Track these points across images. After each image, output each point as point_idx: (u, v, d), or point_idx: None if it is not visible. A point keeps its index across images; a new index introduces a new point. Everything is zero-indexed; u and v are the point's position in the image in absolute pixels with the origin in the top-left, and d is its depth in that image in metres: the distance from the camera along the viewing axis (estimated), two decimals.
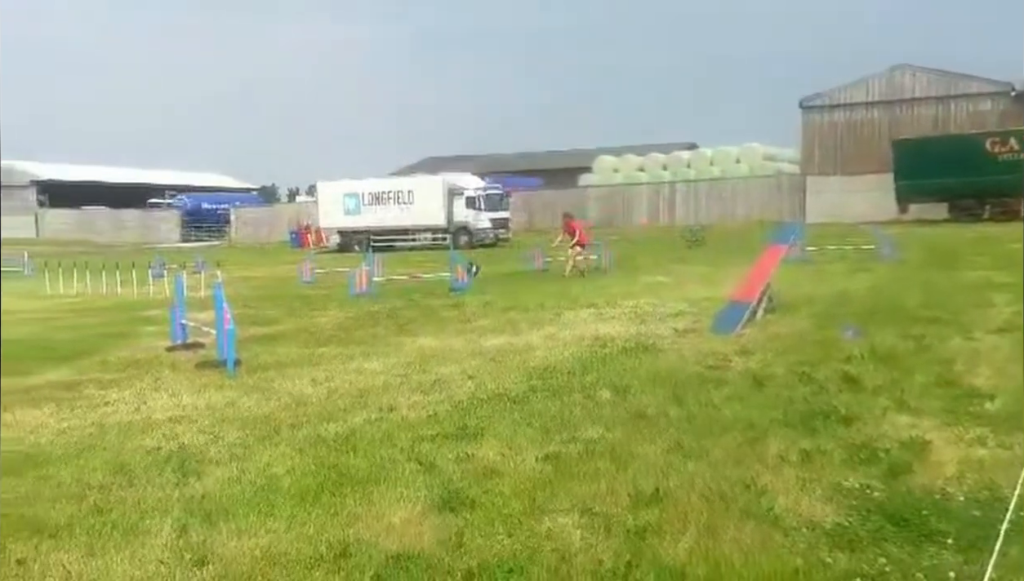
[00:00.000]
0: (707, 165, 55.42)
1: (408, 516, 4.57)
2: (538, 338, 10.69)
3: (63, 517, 4.76)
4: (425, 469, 5.38)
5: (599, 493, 4.80)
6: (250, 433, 6.54)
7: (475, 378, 8.29)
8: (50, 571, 4.04)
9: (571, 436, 6.00)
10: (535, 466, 5.36)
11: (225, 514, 4.70)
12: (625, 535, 4.20)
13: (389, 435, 6.28)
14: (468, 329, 11.92)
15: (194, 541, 4.33)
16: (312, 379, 8.64)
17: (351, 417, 6.91)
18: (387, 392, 7.86)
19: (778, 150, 55.41)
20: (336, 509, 4.72)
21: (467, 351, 10.01)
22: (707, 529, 4.24)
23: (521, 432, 6.17)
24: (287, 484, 5.21)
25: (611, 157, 60.16)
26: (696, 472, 5.10)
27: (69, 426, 7.03)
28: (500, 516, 4.49)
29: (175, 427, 6.82)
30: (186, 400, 7.86)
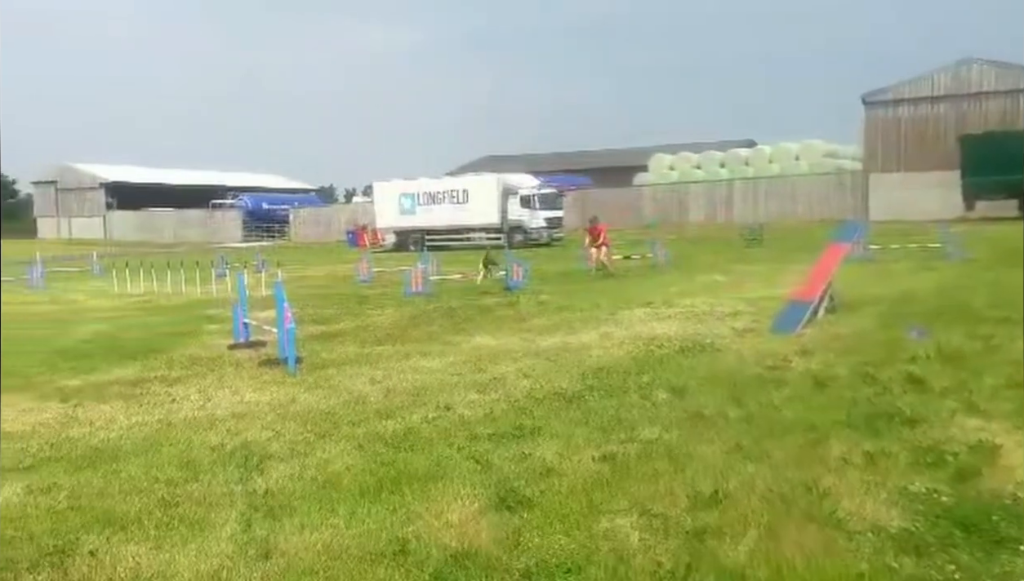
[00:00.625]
0: (766, 163, 54.54)
1: (466, 514, 4.60)
2: (593, 337, 10.65)
3: (132, 510, 4.91)
4: (482, 468, 5.41)
5: (657, 494, 4.76)
6: (311, 430, 6.65)
7: (531, 377, 8.30)
8: (120, 563, 4.16)
9: (628, 436, 5.97)
10: (592, 466, 5.35)
11: (287, 509, 4.80)
12: (684, 537, 4.17)
13: (446, 433, 6.33)
14: (523, 328, 11.93)
15: (258, 535, 4.42)
16: (370, 377, 8.75)
17: (409, 415, 6.98)
18: (444, 390, 7.91)
19: (840, 147, 54.25)
20: (395, 506, 4.78)
21: (522, 350, 10.03)
22: (768, 532, 4.17)
23: (577, 431, 6.16)
24: (347, 480, 5.28)
25: (667, 155, 59.59)
26: (756, 474, 5.02)
27: (137, 422, 7.23)
28: (557, 515, 4.49)
29: (238, 423, 6.97)
30: (249, 397, 8.03)
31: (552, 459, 5.51)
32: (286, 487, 5.22)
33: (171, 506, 4.95)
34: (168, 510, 4.88)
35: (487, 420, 6.68)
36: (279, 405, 7.64)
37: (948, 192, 39.00)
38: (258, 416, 7.23)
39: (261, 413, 7.34)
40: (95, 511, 4.91)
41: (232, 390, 8.41)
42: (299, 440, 6.36)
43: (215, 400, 7.98)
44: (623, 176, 59.55)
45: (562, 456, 5.57)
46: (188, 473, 5.61)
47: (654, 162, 59.53)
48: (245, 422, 7.02)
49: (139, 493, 5.23)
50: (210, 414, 7.41)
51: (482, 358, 9.59)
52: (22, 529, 4.66)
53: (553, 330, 11.51)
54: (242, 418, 7.17)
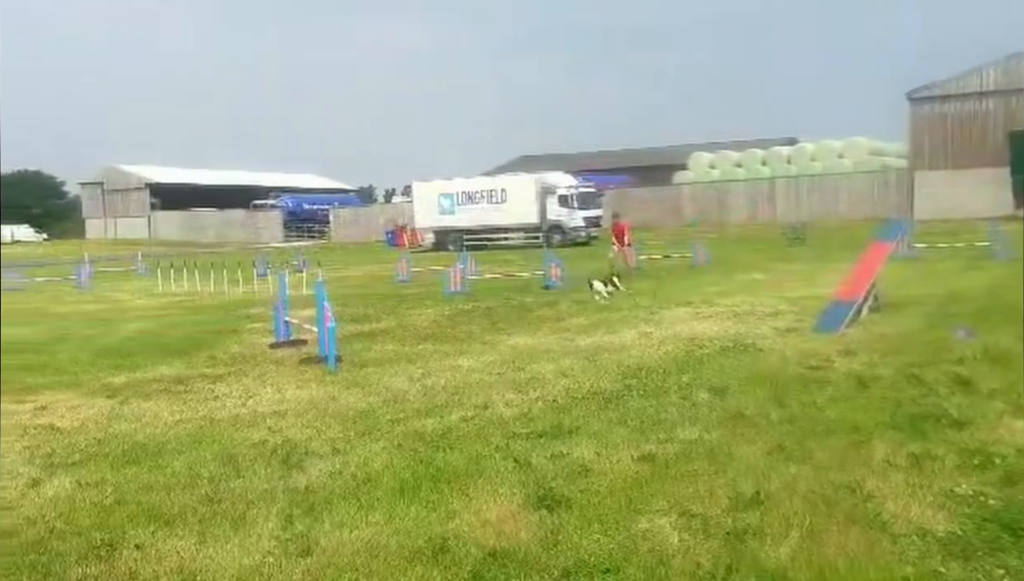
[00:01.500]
0: (808, 161, 53.74)
1: (504, 513, 4.60)
2: (632, 337, 10.59)
3: (177, 505, 4.99)
4: (520, 466, 5.41)
5: (697, 494, 4.72)
6: (351, 428, 6.70)
7: (569, 376, 8.28)
8: (165, 557, 4.23)
9: (667, 436, 5.92)
10: (631, 466, 5.32)
11: (328, 506, 4.84)
12: (724, 537, 4.12)
13: (484, 432, 6.34)
14: (562, 327, 11.91)
15: (298, 532, 4.47)
16: (409, 376, 8.80)
17: (447, 414, 7.01)
18: (482, 390, 7.93)
19: (884, 144, 53.23)
20: (434, 504, 4.80)
21: (561, 349, 10.01)
22: (810, 533, 4.11)
23: (616, 431, 6.13)
24: (386, 478, 5.32)
25: (707, 153, 59.04)
26: (798, 475, 4.96)
27: (181, 418, 7.36)
28: (596, 515, 4.47)
29: (279, 421, 7.06)
30: (290, 395, 8.12)
31: (590, 459, 5.49)
32: (326, 484, 5.27)
33: (214, 502, 5.03)
34: (211, 506, 4.96)
35: (525, 419, 6.68)
36: (319, 403, 7.71)
37: (997, 190, 38.14)
38: (299, 414, 7.30)
39: (302, 411, 7.42)
40: (141, 506, 5.01)
41: (274, 388, 8.51)
42: (339, 438, 6.42)
43: (257, 397, 8.09)
44: (663, 175, 59.11)
45: (600, 456, 5.55)
46: (230, 469, 5.69)
47: (694, 160, 59.00)
48: (286, 420, 7.10)
49: (183, 489, 5.31)
50: (252, 411, 7.51)
51: (520, 357, 9.59)
52: (71, 522, 4.77)
53: (592, 329, 11.47)
54: (283, 416, 7.26)
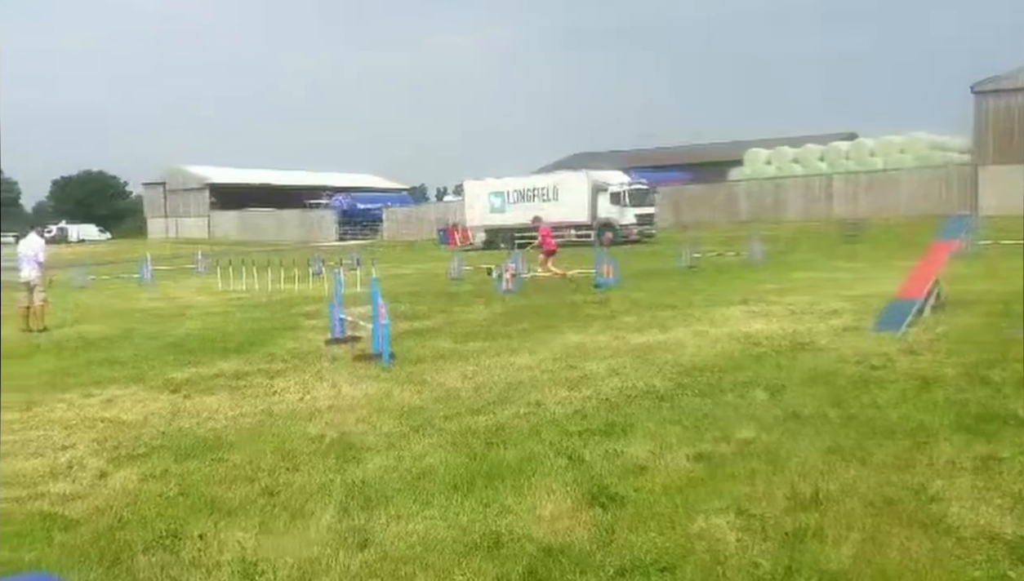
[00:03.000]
0: (868, 156, 52.51)
1: (558, 510, 4.61)
2: (686, 335, 10.49)
3: (237, 498, 5.11)
4: (574, 464, 5.40)
5: (754, 494, 4.66)
6: (405, 423, 6.77)
7: (622, 374, 8.24)
8: (227, 548, 4.33)
9: (723, 435, 5.86)
10: (686, 465, 5.27)
11: (383, 500, 4.90)
12: (782, 539, 4.06)
13: (537, 429, 6.35)
14: (614, 325, 11.85)
15: (355, 525, 4.53)
16: (462, 373, 8.85)
17: (500, 411, 7.03)
18: (534, 387, 7.93)
19: (947, 139, 51.77)
20: (488, 500, 4.82)
21: (613, 347, 9.96)
22: (872, 536, 4.03)
23: (670, 430, 6.08)
24: (441, 473, 5.36)
25: (763, 149, 58.11)
26: (859, 476, 4.86)
27: (241, 412, 7.51)
28: (651, 513, 4.44)
29: (336, 416, 7.16)
30: (345, 391, 8.23)
31: (644, 457, 5.46)
32: (382, 479, 5.33)
33: (273, 494, 5.13)
34: (270, 498, 5.06)
35: (578, 417, 6.67)
36: (374, 399, 7.80)
37: None
38: (354, 409, 7.40)
39: (357, 406, 7.52)
40: (203, 497, 5.13)
41: (329, 383, 8.64)
42: (394, 433, 6.49)
43: (313, 393, 8.21)
44: (718, 171, 58.37)
45: (655, 454, 5.52)
46: (289, 463, 5.79)
47: (749, 156, 58.11)
48: (342, 415, 7.20)
49: (243, 481, 5.43)
50: (309, 406, 7.63)
51: (572, 355, 9.57)
52: (137, 513, 4.91)
53: (644, 328, 11.39)
54: (339, 411, 7.36)
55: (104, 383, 9.22)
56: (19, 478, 5.74)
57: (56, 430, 7.13)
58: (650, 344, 10.01)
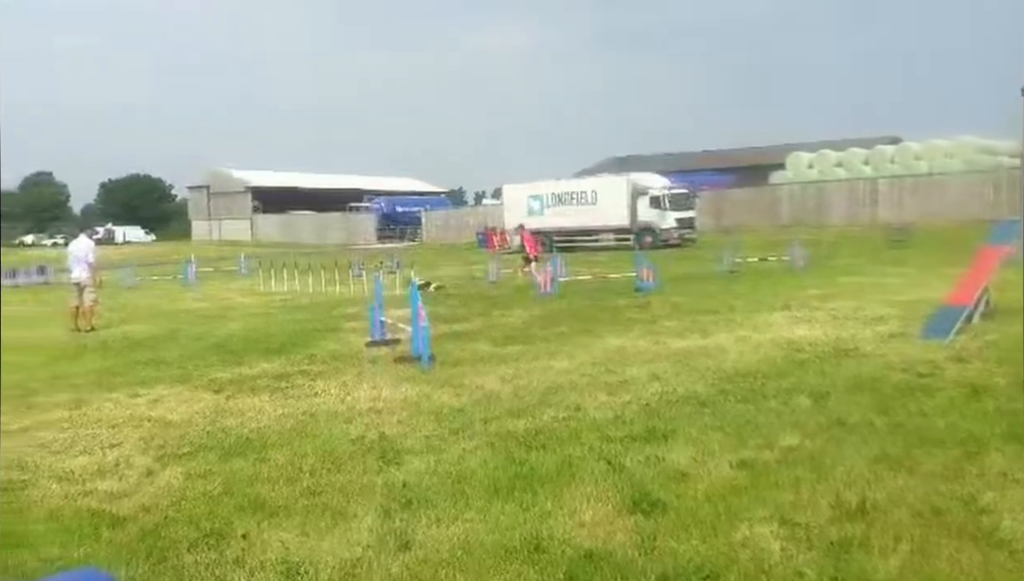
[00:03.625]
0: (913, 160, 51.57)
1: (599, 515, 4.58)
2: (728, 340, 10.38)
3: (280, 498, 5.16)
4: (614, 469, 5.37)
5: (799, 503, 4.59)
6: (444, 426, 6.79)
7: (662, 380, 8.18)
8: (270, 547, 4.38)
9: (766, 442, 5.78)
10: (729, 472, 5.21)
11: (424, 502, 4.91)
12: (828, 548, 4.00)
13: (577, 434, 6.32)
14: (654, 330, 11.77)
15: (396, 526, 4.55)
16: (501, 376, 8.85)
17: (539, 414, 7.02)
18: (574, 391, 7.91)
19: (996, 142, 50.61)
20: (528, 504, 4.81)
21: (653, 352, 9.90)
22: (920, 547, 3.94)
23: (712, 436, 6.02)
24: (480, 476, 5.36)
25: (806, 153, 57.36)
26: (906, 486, 4.77)
27: (283, 413, 7.60)
28: (693, 521, 4.40)
29: (376, 418, 7.21)
30: (385, 393, 8.28)
31: (686, 463, 5.41)
32: (422, 481, 5.35)
33: (315, 495, 5.17)
34: (312, 499, 5.10)
35: (618, 422, 6.63)
36: (414, 401, 7.84)
37: None
38: (394, 411, 7.44)
39: (397, 408, 7.56)
40: (246, 497, 5.19)
41: (370, 385, 8.69)
42: (433, 435, 6.51)
43: (354, 394, 8.27)
44: (759, 175, 57.76)
45: (697, 461, 5.46)
46: (330, 464, 5.84)
47: (792, 160, 57.41)
48: (382, 416, 7.25)
49: (286, 481, 5.48)
50: (350, 407, 7.69)
51: (612, 359, 9.53)
52: (182, 511, 4.99)
53: (685, 333, 11.30)
54: (379, 412, 7.41)
55: (150, 383, 9.39)
56: (69, 475, 5.87)
57: (104, 429, 7.27)
58: (691, 349, 9.92)
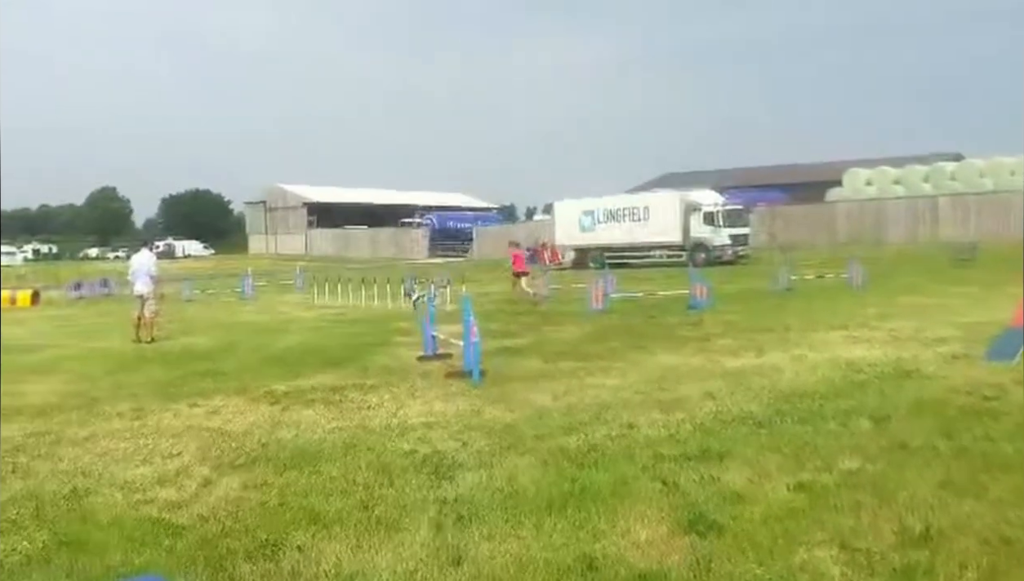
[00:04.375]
0: (976, 177, 50.28)
1: (653, 535, 4.52)
2: (784, 360, 10.20)
3: (334, 510, 5.20)
4: (669, 489, 5.30)
5: (859, 528, 4.48)
6: (496, 441, 6.79)
7: (716, 398, 8.07)
8: (324, 559, 4.41)
9: (825, 465, 5.65)
10: (786, 494, 5.11)
11: (476, 518, 4.91)
12: (890, 575, 3.89)
13: (630, 452, 6.26)
14: (708, 348, 11.63)
15: (449, 541, 4.56)
16: (552, 392, 8.82)
17: (592, 431, 6.97)
18: (626, 408, 7.84)
19: None
20: (580, 522, 4.77)
21: (707, 370, 9.78)
22: (989, 576, 3.81)
23: (769, 457, 5.91)
24: (533, 493, 5.34)
25: (863, 169, 56.35)
26: (973, 512, 4.61)
27: (337, 426, 7.68)
28: (750, 543, 4.31)
29: (428, 432, 7.24)
30: (437, 407, 8.32)
31: (742, 484, 5.32)
32: (474, 496, 5.34)
33: (368, 508, 5.21)
34: (366, 512, 5.13)
35: (672, 441, 6.56)
36: (465, 416, 7.86)
37: None
38: (446, 426, 7.47)
39: (448, 423, 7.58)
40: (301, 509, 5.25)
41: (422, 400, 8.74)
42: (485, 451, 6.51)
43: (406, 409, 8.33)
44: (814, 192, 56.87)
45: (753, 482, 5.37)
46: (383, 477, 5.88)
47: (849, 177, 56.45)
48: (434, 431, 7.27)
49: (340, 494, 5.53)
50: (402, 422, 7.74)
51: (665, 377, 9.43)
52: (239, 521, 5.06)
53: (740, 351, 11.14)
54: (431, 427, 7.44)
55: (209, 394, 9.58)
56: (130, 484, 6.00)
57: (164, 438, 7.43)
58: (746, 368, 9.78)
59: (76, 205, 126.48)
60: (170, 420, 8.24)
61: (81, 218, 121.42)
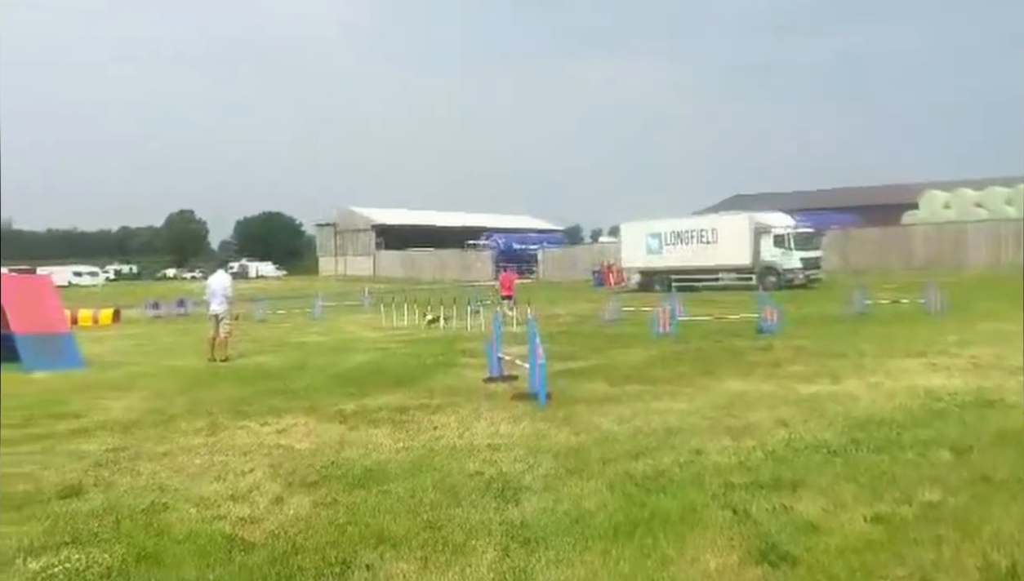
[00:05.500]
0: None
1: (723, 564, 4.43)
2: (859, 387, 9.91)
3: (401, 530, 5.23)
4: (739, 518, 5.18)
5: (941, 563, 4.30)
6: (562, 465, 6.74)
7: (789, 426, 7.87)
8: (393, 578, 4.44)
9: (904, 497, 5.45)
10: (863, 526, 4.94)
11: (542, 542, 4.87)
12: None
13: (699, 478, 6.15)
14: (779, 374, 11.38)
15: (515, 565, 4.53)
16: (618, 416, 8.73)
17: (659, 457, 6.87)
18: (695, 434, 7.71)
19: None
20: (648, 549, 4.70)
21: (779, 397, 9.55)
22: None
23: (844, 487, 5.73)
24: (599, 518, 5.28)
25: (941, 192, 54.69)
26: None
27: (404, 446, 7.74)
28: (825, 576, 4.19)
29: (494, 454, 7.24)
30: (503, 429, 8.32)
31: (816, 515, 5.17)
32: (540, 520, 5.31)
33: (435, 529, 5.22)
34: (433, 532, 5.15)
35: (742, 468, 6.42)
36: (531, 438, 7.83)
37: None
38: (511, 448, 7.45)
39: (514, 445, 7.57)
40: (369, 528, 5.29)
41: (487, 421, 8.75)
42: (551, 474, 6.47)
43: (472, 430, 8.35)
44: (889, 214, 55.41)
45: (828, 513, 5.21)
46: (450, 498, 5.89)
47: (926, 199, 54.88)
48: (500, 453, 7.27)
49: (407, 514, 5.56)
50: (468, 443, 7.75)
51: (734, 403, 9.26)
52: (309, 539, 5.13)
53: (812, 377, 10.86)
54: (497, 449, 7.43)
55: (279, 412, 9.77)
56: (204, 500, 6.15)
57: (236, 455, 7.59)
58: (819, 395, 9.53)
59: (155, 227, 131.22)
60: (242, 437, 8.43)
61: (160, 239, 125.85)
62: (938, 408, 8.41)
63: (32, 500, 6.27)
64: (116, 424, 9.38)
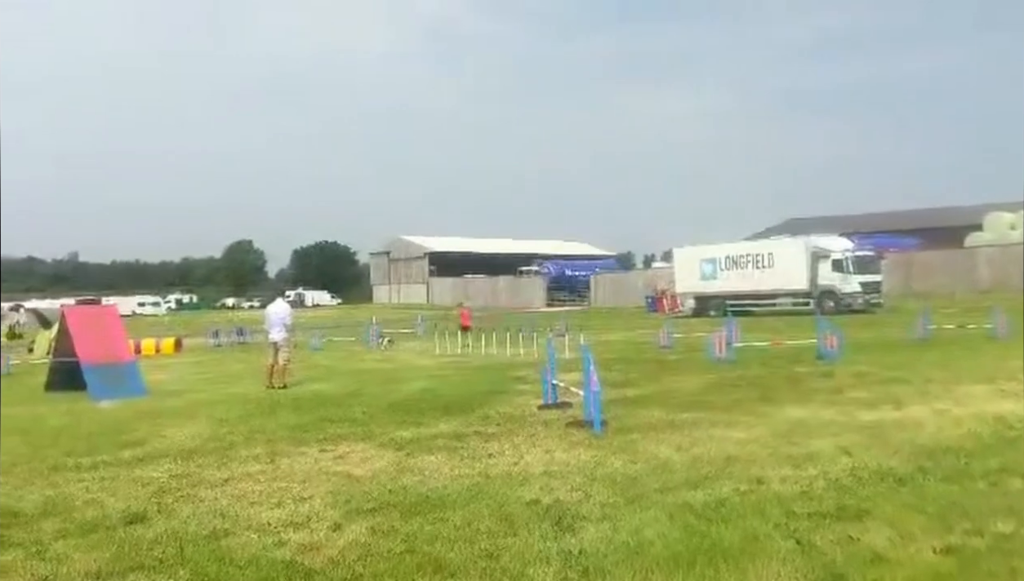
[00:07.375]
0: None
1: None
2: (925, 413, 9.63)
3: (459, 558, 5.22)
4: (803, 549, 5.06)
5: None
6: (619, 494, 6.67)
7: (852, 454, 7.68)
8: None
9: (975, 528, 5.27)
10: (933, 558, 4.79)
11: (601, 572, 4.82)
12: None
13: (760, 508, 6.03)
14: (840, 400, 11.12)
15: None
16: (676, 444, 8.62)
17: (718, 486, 6.76)
18: (754, 463, 7.57)
19: None
20: (710, 579, 4.61)
21: (840, 424, 9.34)
22: None
23: (912, 518, 5.56)
24: (659, 549, 5.21)
25: (1007, 213, 53.14)
26: None
27: (459, 473, 7.74)
28: None
29: (550, 481, 7.20)
30: (558, 456, 8.27)
31: (883, 546, 5.03)
32: (599, 549, 5.26)
33: (492, 557, 5.20)
34: (490, 561, 5.13)
35: (804, 498, 6.27)
36: (587, 466, 7.77)
37: None
38: (567, 476, 7.40)
39: (570, 473, 7.52)
40: (427, 556, 5.29)
41: (543, 449, 8.72)
42: (608, 503, 6.41)
43: (528, 458, 8.32)
44: (951, 237, 54.02)
45: (895, 544, 5.06)
46: (506, 526, 5.87)
47: (991, 220, 53.41)
48: (556, 481, 7.22)
49: (464, 542, 5.55)
50: (523, 471, 7.73)
51: (794, 431, 9.07)
52: (368, 567, 5.15)
53: (875, 404, 10.59)
54: (553, 476, 7.39)
55: (337, 439, 9.87)
56: (264, 526, 6.23)
57: (296, 482, 7.68)
58: (883, 422, 9.28)
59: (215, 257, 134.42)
60: (301, 464, 8.53)
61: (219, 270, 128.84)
62: (1009, 436, 8.13)
63: (99, 526, 6.42)
64: (178, 451, 9.57)
